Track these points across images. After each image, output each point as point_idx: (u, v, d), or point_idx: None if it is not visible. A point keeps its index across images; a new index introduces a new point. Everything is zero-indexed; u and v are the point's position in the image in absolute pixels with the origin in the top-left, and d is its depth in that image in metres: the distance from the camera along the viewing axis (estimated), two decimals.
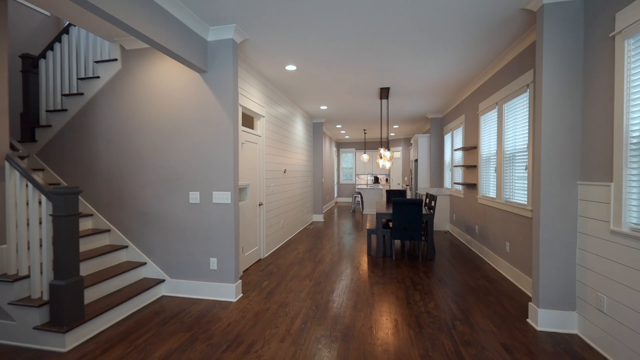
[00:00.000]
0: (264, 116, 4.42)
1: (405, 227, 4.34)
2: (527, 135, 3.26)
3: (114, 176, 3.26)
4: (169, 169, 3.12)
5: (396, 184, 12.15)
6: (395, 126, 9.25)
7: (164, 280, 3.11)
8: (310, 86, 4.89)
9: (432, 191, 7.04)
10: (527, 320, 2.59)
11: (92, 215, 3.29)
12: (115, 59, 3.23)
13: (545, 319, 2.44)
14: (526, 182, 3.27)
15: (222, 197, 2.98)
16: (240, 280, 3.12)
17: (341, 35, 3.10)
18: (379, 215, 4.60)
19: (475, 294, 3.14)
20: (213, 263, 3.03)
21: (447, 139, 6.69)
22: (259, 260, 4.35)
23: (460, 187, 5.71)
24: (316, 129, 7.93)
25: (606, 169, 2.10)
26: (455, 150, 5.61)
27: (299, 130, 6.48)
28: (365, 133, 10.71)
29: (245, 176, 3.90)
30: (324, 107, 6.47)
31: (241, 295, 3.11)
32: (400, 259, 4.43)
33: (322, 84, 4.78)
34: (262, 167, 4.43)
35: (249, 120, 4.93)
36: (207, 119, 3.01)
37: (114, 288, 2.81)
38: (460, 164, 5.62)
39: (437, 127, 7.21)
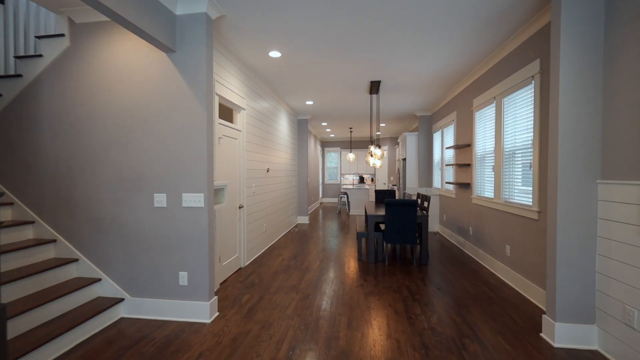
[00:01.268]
0: (244, 109, 3.98)
1: (399, 230, 4.04)
2: (531, 131, 3.03)
3: (62, 175, 2.72)
4: (129, 166, 2.63)
5: (382, 184, 11.95)
6: (382, 124, 9.01)
7: (122, 300, 2.62)
8: (296, 77, 4.48)
9: (421, 191, 6.84)
10: (541, 334, 2.32)
11: (33, 222, 2.72)
12: (62, 34, 2.69)
13: (562, 334, 2.18)
14: (530, 181, 3.04)
15: (193, 199, 2.53)
16: (216, 297, 2.68)
17: (331, 15, 2.72)
18: (369, 217, 4.27)
19: (478, 304, 2.87)
20: (183, 278, 2.57)
21: (437, 137, 6.49)
22: (239, 269, 3.90)
23: (451, 187, 5.50)
24: (301, 126, 7.53)
25: (635, 165, 1.86)
26: (446, 148, 5.39)
27: (283, 126, 6.06)
28: (351, 131, 10.41)
29: (223, 175, 3.44)
30: (309, 103, 6.08)
31: (217, 314, 2.67)
32: (393, 263, 4.12)
33: (309, 75, 4.39)
34: (242, 165, 3.98)
35: (227, 113, 4.46)
36: (176, 107, 2.55)
37: (57, 312, 2.29)
38: (452, 162, 5.41)
39: (426, 125, 7.02)
